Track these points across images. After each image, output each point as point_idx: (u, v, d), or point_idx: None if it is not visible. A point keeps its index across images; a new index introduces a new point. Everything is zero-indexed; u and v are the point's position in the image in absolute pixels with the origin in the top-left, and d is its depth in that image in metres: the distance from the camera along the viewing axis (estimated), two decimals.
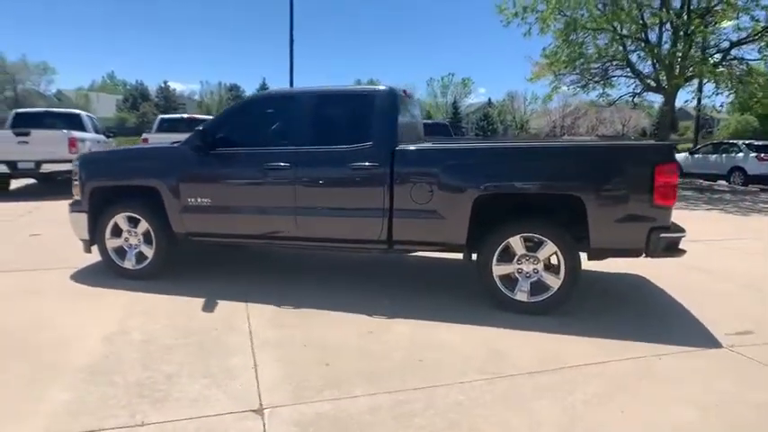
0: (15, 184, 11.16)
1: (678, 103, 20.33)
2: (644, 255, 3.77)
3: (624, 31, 16.66)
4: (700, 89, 19.38)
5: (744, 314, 4.04)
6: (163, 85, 54.41)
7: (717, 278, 5.17)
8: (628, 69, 17.75)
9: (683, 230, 3.78)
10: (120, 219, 4.54)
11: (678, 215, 3.92)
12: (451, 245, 4.00)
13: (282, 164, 4.13)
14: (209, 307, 3.93)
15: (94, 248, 4.68)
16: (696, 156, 18.61)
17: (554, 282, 3.82)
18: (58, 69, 68.35)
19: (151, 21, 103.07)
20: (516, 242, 3.83)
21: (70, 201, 4.72)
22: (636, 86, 18.64)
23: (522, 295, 3.87)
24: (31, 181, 10.85)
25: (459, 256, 4.16)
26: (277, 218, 4.24)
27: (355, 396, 2.65)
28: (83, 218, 4.60)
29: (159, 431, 2.32)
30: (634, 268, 5.05)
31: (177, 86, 63.67)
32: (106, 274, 4.63)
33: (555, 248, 3.77)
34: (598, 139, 8.71)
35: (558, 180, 3.75)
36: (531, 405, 2.60)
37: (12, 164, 9.53)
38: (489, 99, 67.83)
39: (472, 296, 4.13)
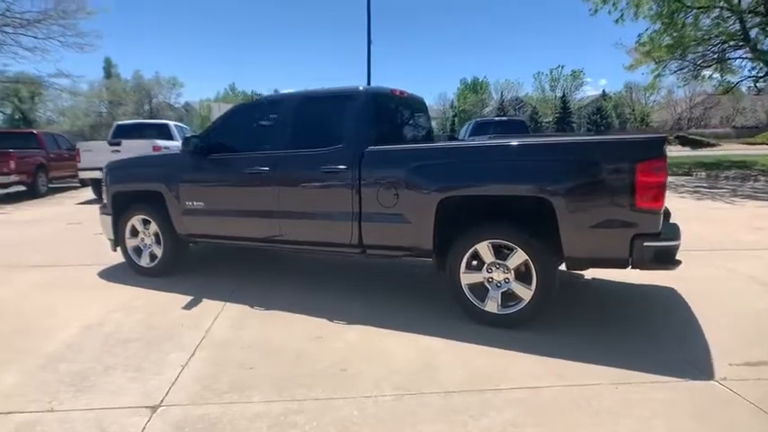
0: None
1: None
2: (630, 266, 3.31)
3: (742, 5, 14.57)
4: None
5: None
6: (274, 92, 58.59)
7: None
8: (746, 49, 15.50)
9: (676, 238, 3.25)
10: (136, 221, 4.99)
11: None
12: (420, 250, 3.83)
13: (263, 168, 4.26)
14: (190, 304, 4.17)
15: None
16: None
17: (525, 293, 3.49)
18: (186, 83, 76.18)
19: (266, 33, 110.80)
20: (484, 249, 3.56)
21: (101, 204, 5.29)
22: (759, 69, 16.22)
23: (491, 306, 3.59)
24: None
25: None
26: (260, 220, 4.37)
27: (251, 402, 2.66)
28: (109, 220, 5.13)
29: (61, 418, 2.53)
30: (669, 280, 4.45)
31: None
32: (127, 271, 5.12)
33: (525, 256, 3.44)
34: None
35: (525, 181, 3.40)
36: (422, 428, 2.41)
37: None
38: (603, 91, 63.30)
39: (450, 305, 3.91)
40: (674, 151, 27.49)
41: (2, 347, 3.39)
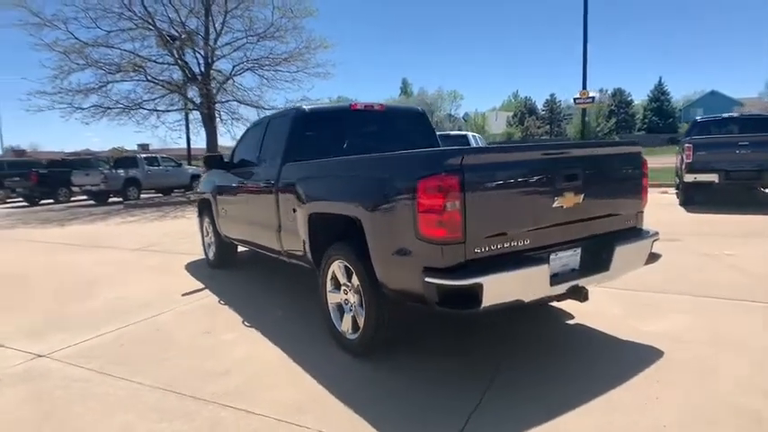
0: None
1: None
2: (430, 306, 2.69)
3: None
4: None
5: None
6: (549, 98, 56.81)
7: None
8: None
9: (475, 275, 2.48)
10: (206, 222, 6.31)
11: None
12: (310, 263, 3.86)
13: (243, 181, 4.94)
14: (189, 293, 5.13)
15: None
16: None
17: (360, 319, 3.22)
18: (466, 95, 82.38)
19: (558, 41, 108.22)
20: (336, 268, 3.42)
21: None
22: None
23: (344, 328, 3.42)
24: None
25: None
26: (241, 225, 5.07)
27: (78, 367, 3.38)
28: (198, 220, 6.63)
29: None
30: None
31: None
32: (204, 262, 6.52)
33: (359, 281, 3.18)
34: None
35: (341, 199, 3.19)
36: (121, 417, 2.72)
37: None
38: None
39: None
40: None
41: (54, 302, 5.00)
